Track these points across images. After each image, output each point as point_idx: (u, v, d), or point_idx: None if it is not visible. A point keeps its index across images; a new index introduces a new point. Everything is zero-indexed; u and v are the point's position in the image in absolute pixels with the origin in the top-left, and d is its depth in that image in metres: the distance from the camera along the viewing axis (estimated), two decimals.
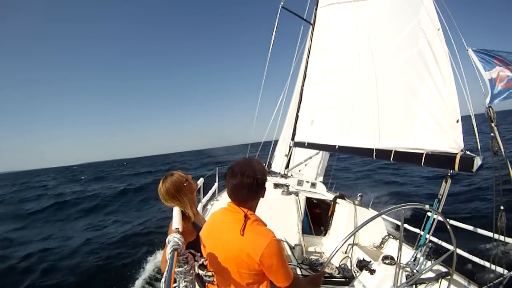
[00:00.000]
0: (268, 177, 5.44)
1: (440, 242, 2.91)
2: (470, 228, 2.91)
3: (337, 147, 3.90)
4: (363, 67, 3.74)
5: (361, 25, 3.89)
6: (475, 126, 2.14)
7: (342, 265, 3.01)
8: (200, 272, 1.32)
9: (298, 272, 2.60)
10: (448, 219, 2.05)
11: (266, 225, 1.33)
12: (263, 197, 1.36)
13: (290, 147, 5.46)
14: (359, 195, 3.93)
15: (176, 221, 1.39)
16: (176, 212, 1.53)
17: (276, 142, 6.94)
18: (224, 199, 3.87)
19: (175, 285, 1.13)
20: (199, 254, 1.40)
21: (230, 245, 1.23)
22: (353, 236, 3.29)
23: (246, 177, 1.22)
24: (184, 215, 1.61)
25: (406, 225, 3.65)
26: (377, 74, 3.42)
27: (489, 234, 2.40)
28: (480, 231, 2.79)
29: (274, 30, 5.99)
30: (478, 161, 2.03)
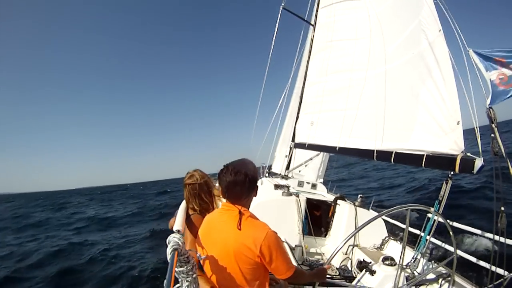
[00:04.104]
0: (268, 178, 5.45)
1: (440, 243, 2.90)
2: (471, 229, 2.91)
3: (337, 148, 3.90)
4: (364, 68, 3.75)
5: (362, 26, 3.90)
6: (476, 128, 2.14)
7: (343, 266, 3.01)
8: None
9: None
10: (448, 221, 2.06)
11: (259, 219, 1.37)
12: (255, 196, 1.42)
13: (290, 148, 5.47)
14: (360, 196, 3.93)
15: (179, 222, 1.40)
16: (180, 212, 1.53)
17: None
18: (224, 200, 3.86)
19: (178, 285, 1.13)
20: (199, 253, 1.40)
21: (229, 241, 1.26)
22: (353, 237, 3.29)
23: (239, 174, 1.29)
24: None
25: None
26: (378, 76, 3.42)
27: (490, 235, 2.41)
28: (480, 232, 2.79)
29: (275, 31, 6.00)
30: (478, 163, 2.03)
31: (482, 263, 2.51)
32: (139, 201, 23.57)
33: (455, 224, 2.90)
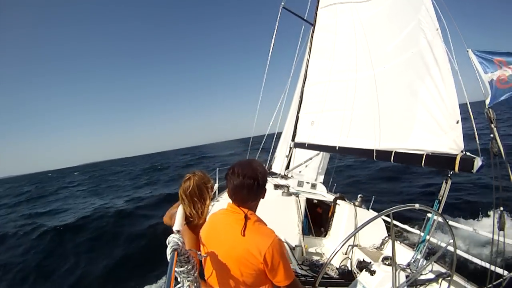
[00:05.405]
0: (268, 178, 5.47)
1: (440, 243, 2.91)
2: (470, 229, 2.91)
3: (337, 148, 3.90)
4: (364, 68, 3.75)
5: (362, 25, 3.90)
6: (474, 127, 2.14)
7: (342, 266, 3.01)
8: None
9: (298, 272, 2.60)
10: (448, 220, 2.06)
11: (266, 225, 1.34)
12: (263, 198, 1.38)
13: (290, 148, 5.47)
14: (359, 196, 3.93)
15: (178, 223, 1.40)
16: (180, 213, 1.52)
17: (272, 136, 6.96)
18: (224, 200, 3.87)
19: (179, 285, 1.13)
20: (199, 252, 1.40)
21: (233, 246, 1.24)
22: (353, 237, 3.29)
23: (247, 178, 1.24)
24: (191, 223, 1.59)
25: (406, 226, 3.66)
26: (377, 75, 3.42)
27: (489, 234, 2.41)
28: (480, 231, 2.80)
29: (275, 30, 6.02)
30: (478, 162, 2.04)
31: (481, 263, 2.51)
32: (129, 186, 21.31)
33: (455, 224, 2.90)
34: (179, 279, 1.14)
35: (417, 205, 1.85)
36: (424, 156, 2.51)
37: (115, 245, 7.72)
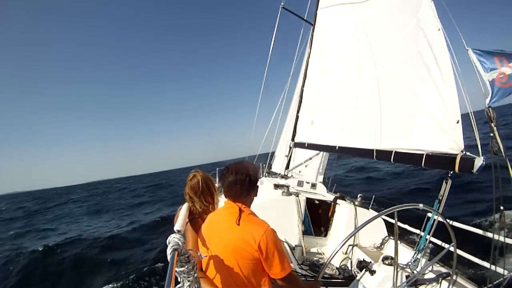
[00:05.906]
0: (268, 178, 5.45)
1: (440, 243, 2.91)
2: (471, 228, 2.91)
3: (337, 147, 3.90)
4: (363, 68, 3.75)
5: (361, 25, 3.89)
6: (474, 127, 2.14)
7: (343, 266, 3.01)
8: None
9: (298, 271, 2.61)
10: (448, 220, 2.06)
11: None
12: (256, 196, 1.48)
13: (290, 147, 5.47)
14: (359, 196, 3.93)
15: (179, 223, 1.40)
16: (183, 213, 1.54)
17: (266, 155, 6.97)
18: (224, 200, 3.87)
19: (179, 285, 1.13)
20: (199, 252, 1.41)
21: (228, 236, 1.30)
22: (353, 237, 3.29)
23: (240, 174, 1.37)
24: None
25: (406, 226, 3.66)
26: (377, 74, 3.42)
27: (489, 234, 2.41)
28: (480, 231, 2.79)
29: (275, 30, 6.02)
30: (478, 162, 2.04)
31: (482, 263, 2.51)
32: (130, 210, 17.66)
33: (455, 224, 2.90)
34: (179, 279, 1.14)
35: (421, 205, 1.85)
36: (424, 156, 2.50)
37: (98, 271, 6.80)
